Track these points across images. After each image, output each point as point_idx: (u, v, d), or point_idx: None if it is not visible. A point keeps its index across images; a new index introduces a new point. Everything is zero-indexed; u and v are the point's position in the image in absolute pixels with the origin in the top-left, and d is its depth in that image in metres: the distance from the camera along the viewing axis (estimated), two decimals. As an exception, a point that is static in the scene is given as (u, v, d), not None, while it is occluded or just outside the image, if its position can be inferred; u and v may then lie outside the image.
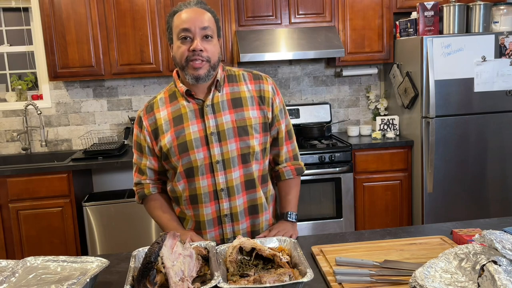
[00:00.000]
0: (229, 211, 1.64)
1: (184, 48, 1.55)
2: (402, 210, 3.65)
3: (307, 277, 1.20)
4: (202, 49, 1.54)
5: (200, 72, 1.56)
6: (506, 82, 3.39)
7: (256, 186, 1.67)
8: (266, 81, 1.70)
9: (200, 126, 1.61)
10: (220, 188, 1.61)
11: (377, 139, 3.67)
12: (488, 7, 3.42)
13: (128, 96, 3.90)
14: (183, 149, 1.60)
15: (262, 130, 1.66)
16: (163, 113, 1.66)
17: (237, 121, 1.61)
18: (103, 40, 3.49)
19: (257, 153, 1.64)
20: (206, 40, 1.56)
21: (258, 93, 1.67)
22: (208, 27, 1.55)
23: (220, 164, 1.60)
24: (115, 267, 1.48)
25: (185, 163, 1.61)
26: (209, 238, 1.66)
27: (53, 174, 3.26)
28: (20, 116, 3.80)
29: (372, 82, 4.13)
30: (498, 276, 1.07)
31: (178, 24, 1.56)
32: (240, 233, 1.67)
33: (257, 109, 1.65)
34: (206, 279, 1.27)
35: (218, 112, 1.62)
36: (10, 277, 1.32)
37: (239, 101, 1.64)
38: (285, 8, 3.64)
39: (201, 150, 1.60)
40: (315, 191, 3.50)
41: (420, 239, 1.57)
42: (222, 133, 1.60)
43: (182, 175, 1.63)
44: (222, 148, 1.60)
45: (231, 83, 1.67)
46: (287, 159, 1.78)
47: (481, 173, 3.49)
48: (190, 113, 1.62)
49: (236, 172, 1.62)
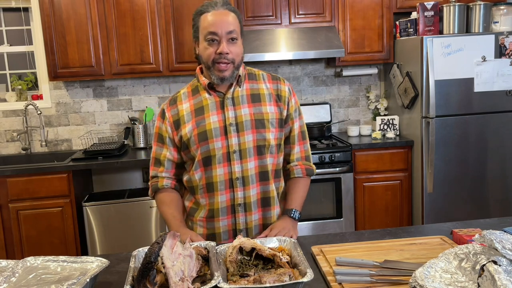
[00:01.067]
0: (243, 200, 1.70)
1: (211, 51, 1.63)
2: (402, 210, 3.65)
3: (307, 277, 1.20)
4: (228, 52, 1.62)
5: (226, 74, 1.65)
6: (506, 82, 3.39)
7: (269, 178, 1.74)
8: (283, 82, 1.80)
9: (220, 116, 1.70)
10: (235, 177, 1.68)
11: (377, 139, 3.67)
12: (488, 7, 3.42)
13: (128, 96, 3.91)
14: (203, 138, 1.68)
15: (278, 126, 1.74)
16: (186, 105, 1.74)
17: (255, 114, 1.70)
18: (103, 40, 3.49)
19: (272, 147, 1.72)
20: (231, 43, 1.64)
21: (275, 91, 1.77)
22: (233, 30, 1.63)
23: (236, 153, 1.68)
24: (115, 267, 1.48)
25: (204, 152, 1.68)
26: (221, 226, 1.72)
27: (53, 174, 3.26)
28: (20, 116, 3.80)
29: (372, 82, 4.13)
30: (498, 276, 1.07)
31: (206, 26, 1.63)
32: (252, 225, 1.72)
33: (274, 105, 1.74)
34: (206, 279, 1.27)
35: (238, 105, 1.71)
36: (10, 277, 1.32)
37: (258, 97, 1.74)
38: (285, 8, 3.64)
39: (219, 140, 1.68)
40: (315, 191, 3.50)
41: (420, 239, 1.57)
42: (240, 125, 1.69)
43: (200, 163, 1.70)
44: (239, 138, 1.68)
45: (251, 80, 1.77)
46: (299, 159, 1.84)
47: (481, 173, 3.49)
48: (211, 104, 1.71)
49: (251, 163, 1.69)
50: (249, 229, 1.73)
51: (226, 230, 1.72)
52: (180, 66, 3.58)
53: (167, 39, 3.53)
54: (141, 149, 3.74)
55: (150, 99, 3.93)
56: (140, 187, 3.80)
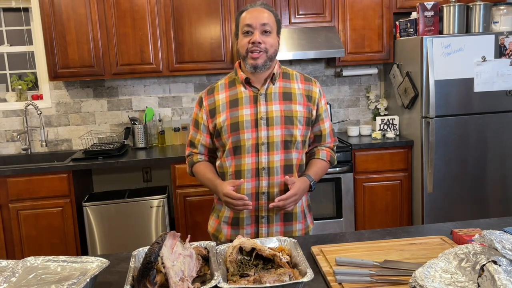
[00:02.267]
0: (267, 189, 1.81)
1: (246, 41, 1.78)
2: (402, 210, 3.65)
3: (307, 277, 1.20)
4: (260, 41, 1.76)
5: (258, 61, 1.78)
6: (506, 82, 3.39)
7: (293, 171, 1.84)
8: (315, 84, 1.92)
9: (252, 110, 1.82)
10: (262, 167, 1.80)
11: (377, 139, 3.67)
12: (488, 7, 3.42)
13: (128, 96, 3.91)
14: (235, 128, 1.81)
15: (305, 124, 1.86)
16: (222, 96, 1.87)
17: (285, 111, 1.82)
18: (103, 40, 3.49)
19: (298, 143, 1.84)
20: (265, 35, 1.78)
21: (307, 92, 1.89)
22: (267, 23, 1.78)
23: (264, 145, 1.80)
24: (115, 267, 1.48)
25: (234, 141, 1.81)
26: (245, 211, 1.80)
27: (53, 174, 3.26)
28: (20, 116, 3.80)
29: (372, 82, 4.13)
30: (498, 276, 1.07)
31: (243, 21, 1.80)
32: (273, 212, 1.82)
33: (304, 105, 1.86)
34: (206, 279, 1.28)
35: (270, 101, 1.83)
36: (10, 277, 1.32)
37: (289, 96, 1.86)
38: (285, 8, 3.64)
39: (250, 131, 1.80)
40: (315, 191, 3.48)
41: (420, 239, 1.57)
42: (271, 119, 1.80)
43: (231, 151, 1.83)
44: (268, 132, 1.80)
45: (285, 79, 1.90)
46: (327, 146, 1.98)
47: (481, 173, 3.49)
48: (245, 98, 1.84)
49: (277, 155, 1.81)
50: (270, 216, 1.83)
51: (249, 216, 1.83)
52: (180, 66, 3.58)
53: (167, 39, 3.53)
54: (141, 149, 3.74)
55: (150, 99, 3.93)
56: (140, 187, 3.80)
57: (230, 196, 1.70)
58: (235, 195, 1.70)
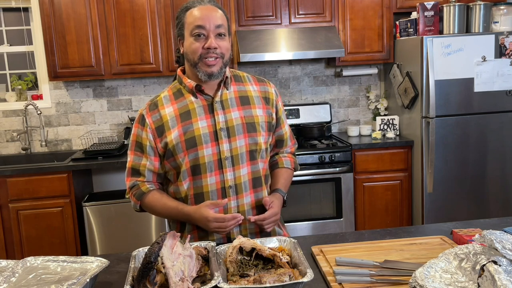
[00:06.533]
0: (236, 209, 1.61)
1: (198, 45, 1.55)
2: (402, 210, 3.65)
3: (307, 277, 1.20)
4: (216, 46, 1.55)
5: (214, 69, 1.57)
6: (506, 82, 3.39)
7: (262, 184, 1.67)
8: (269, 85, 1.76)
9: (209, 121, 1.60)
10: (228, 185, 1.60)
11: (377, 139, 3.67)
12: (488, 7, 3.42)
13: (128, 96, 3.90)
14: (191, 145, 1.58)
15: (267, 129, 1.69)
16: (169, 110, 1.63)
17: (246, 118, 1.63)
18: (103, 40, 3.49)
19: (262, 151, 1.67)
20: (219, 38, 1.57)
21: (263, 94, 1.71)
22: (221, 25, 1.57)
23: (229, 160, 1.59)
24: (115, 267, 1.47)
25: (192, 159, 1.58)
26: (215, 237, 1.61)
27: (53, 174, 3.26)
28: (20, 116, 3.80)
29: (372, 82, 4.13)
30: (498, 276, 1.07)
31: (192, 21, 1.56)
32: (247, 232, 1.64)
33: (263, 108, 1.69)
34: (206, 279, 1.27)
35: (227, 108, 1.63)
36: (10, 277, 1.32)
37: (247, 99, 1.67)
38: (285, 8, 3.64)
39: (209, 146, 1.58)
40: (315, 191, 3.50)
41: (420, 239, 1.57)
42: (232, 129, 1.60)
43: (188, 172, 1.59)
44: (231, 144, 1.60)
45: (237, 82, 1.71)
46: (288, 152, 1.85)
47: (481, 173, 3.48)
48: (198, 108, 1.62)
49: (244, 169, 1.62)
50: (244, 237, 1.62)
51: (220, 237, 1.62)
52: (180, 66, 3.57)
53: (167, 39, 3.53)
54: (141, 149, 3.73)
55: (150, 99, 3.92)
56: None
57: (223, 219, 1.49)
58: (227, 216, 1.50)
